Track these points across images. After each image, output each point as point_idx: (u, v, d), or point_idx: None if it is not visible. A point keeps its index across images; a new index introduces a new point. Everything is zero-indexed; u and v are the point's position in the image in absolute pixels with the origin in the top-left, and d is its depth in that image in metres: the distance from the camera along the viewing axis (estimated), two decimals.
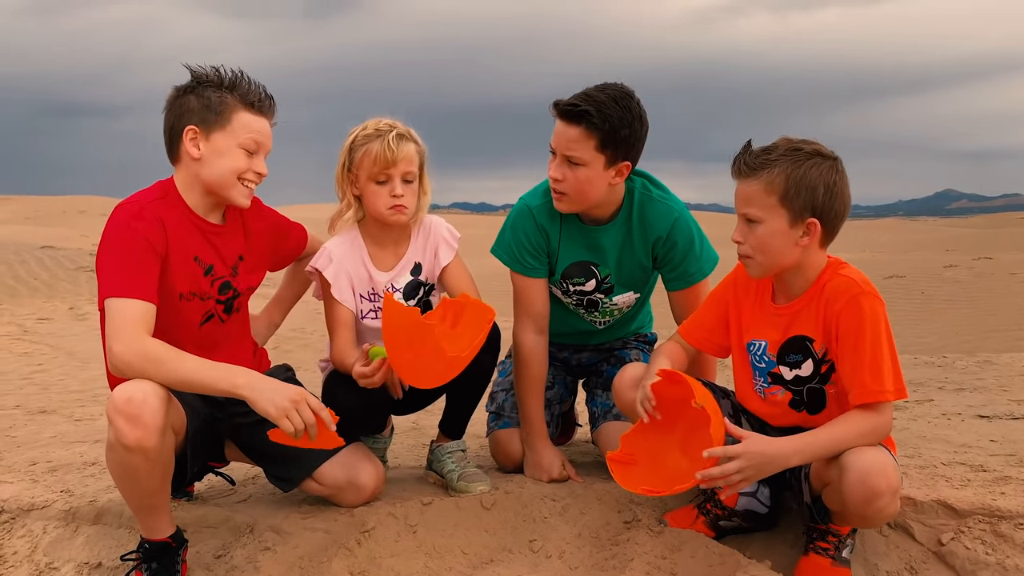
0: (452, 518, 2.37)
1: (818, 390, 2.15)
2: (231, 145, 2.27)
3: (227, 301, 2.40)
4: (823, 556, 2.13)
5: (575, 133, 2.43)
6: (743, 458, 1.95)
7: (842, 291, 2.06)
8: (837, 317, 2.06)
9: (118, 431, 2.00)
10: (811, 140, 2.07)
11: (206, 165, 2.27)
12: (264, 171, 2.34)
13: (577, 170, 2.47)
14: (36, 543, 2.60)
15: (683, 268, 2.64)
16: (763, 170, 2.03)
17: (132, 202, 2.25)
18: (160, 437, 2.04)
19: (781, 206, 2.03)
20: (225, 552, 2.37)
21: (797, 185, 2.01)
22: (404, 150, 2.44)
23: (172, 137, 2.30)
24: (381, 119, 2.49)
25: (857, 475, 1.95)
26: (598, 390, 2.91)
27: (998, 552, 2.09)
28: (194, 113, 2.25)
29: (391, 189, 2.45)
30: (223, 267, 2.37)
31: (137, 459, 2.03)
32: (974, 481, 2.38)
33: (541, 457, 2.67)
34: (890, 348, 2.03)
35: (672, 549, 2.20)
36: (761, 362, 2.21)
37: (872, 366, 2.01)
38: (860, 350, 2.02)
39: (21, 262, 12.87)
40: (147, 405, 2.00)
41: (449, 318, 2.27)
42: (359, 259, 2.55)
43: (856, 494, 1.96)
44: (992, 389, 4.00)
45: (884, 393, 2.01)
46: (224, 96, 2.26)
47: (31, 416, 4.50)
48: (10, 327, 8.88)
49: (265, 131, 2.32)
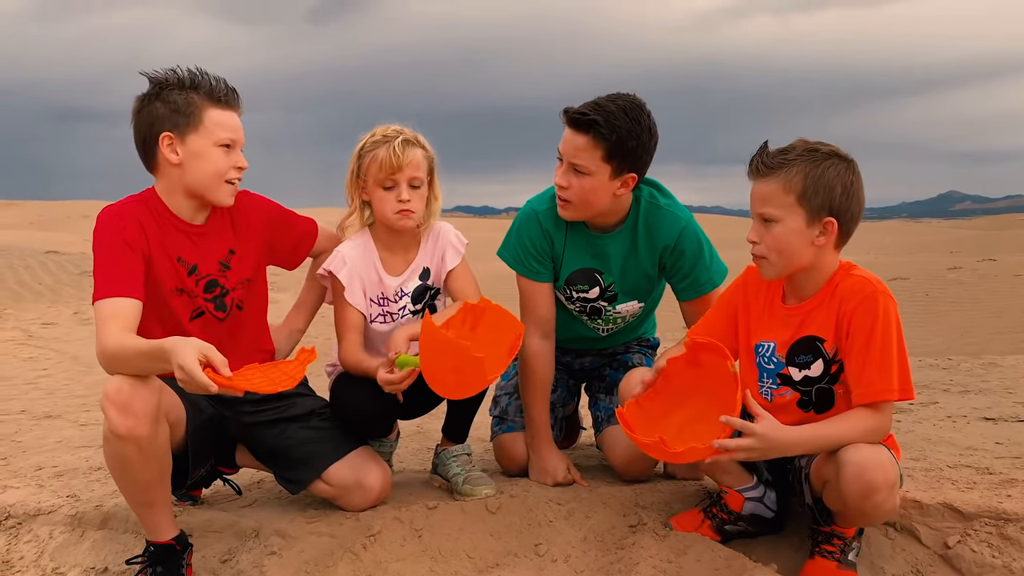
0: (457, 522, 2.37)
1: (827, 390, 2.15)
2: (207, 145, 2.28)
3: (216, 299, 2.40)
4: (829, 559, 2.13)
5: (582, 142, 2.43)
6: (757, 438, 1.96)
7: (856, 290, 2.07)
8: (851, 315, 2.06)
9: (110, 420, 2.03)
10: (827, 142, 2.09)
11: (188, 170, 2.28)
12: (244, 164, 2.35)
13: (583, 179, 2.47)
14: (42, 548, 2.60)
15: (694, 277, 2.63)
16: (781, 169, 2.05)
17: (111, 206, 2.30)
18: (152, 425, 2.06)
19: (799, 205, 2.04)
20: (231, 557, 2.38)
21: (815, 184, 2.02)
22: (410, 156, 2.45)
23: (146, 146, 2.31)
24: (390, 126, 2.51)
25: (854, 470, 1.96)
26: (601, 394, 2.91)
27: (1005, 555, 2.09)
28: (165, 119, 2.26)
29: (397, 194, 2.46)
30: (208, 265, 2.38)
31: (130, 448, 2.05)
32: (980, 484, 2.37)
33: (546, 461, 2.67)
34: (900, 348, 2.03)
35: (678, 553, 2.19)
36: (769, 363, 2.21)
37: (880, 364, 2.02)
38: (870, 347, 2.03)
39: (25, 267, 12.91)
40: (137, 394, 2.03)
41: (469, 321, 2.32)
42: (371, 263, 2.56)
43: (853, 489, 1.97)
44: (997, 391, 3.99)
45: (889, 392, 2.02)
46: (189, 96, 2.27)
47: (36, 421, 4.51)
48: (15, 332, 8.90)
49: (236, 124, 2.34)
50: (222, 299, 2.41)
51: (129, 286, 2.18)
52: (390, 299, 2.57)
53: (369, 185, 2.49)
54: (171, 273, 2.32)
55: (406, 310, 2.58)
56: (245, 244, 2.46)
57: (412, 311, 2.59)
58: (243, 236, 2.46)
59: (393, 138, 2.45)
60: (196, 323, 2.37)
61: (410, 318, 2.58)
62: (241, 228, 2.46)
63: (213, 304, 2.40)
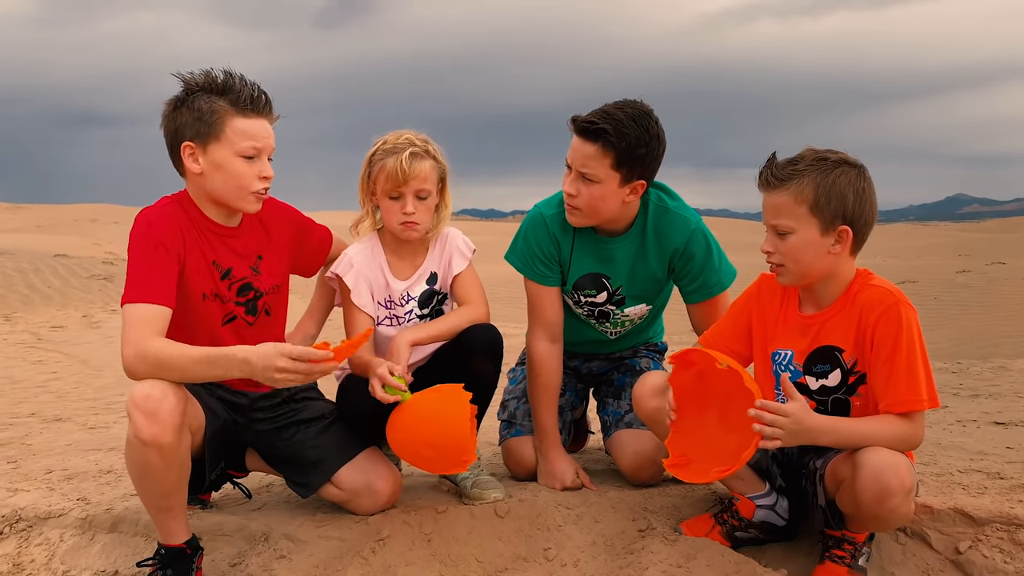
0: (466, 526, 2.37)
1: (843, 400, 2.14)
2: (228, 155, 2.24)
3: (248, 303, 2.39)
4: (839, 564, 2.12)
5: (591, 150, 2.43)
6: (791, 419, 1.95)
7: (878, 301, 2.06)
8: (874, 327, 2.05)
9: (136, 426, 2.03)
10: (836, 149, 2.08)
11: (208, 179, 2.26)
12: (270, 174, 2.30)
13: (592, 187, 2.47)
14: (53, 551, 2.61)
15: (703, 279, 2.63)
16: (791, 180, 2.04)
17: (149, 209, 2.27)
18: (176, 434, 2.06)
19: (812, 215, 2.04)
20: (240, 560, 2.38)
21: (827, 193, 2.02)
22: (417, 169, 2.43)
23: (172, 152, 2.30)
24: (403, 133, 2.50)
25: (871, 472, 1.95)
26: (609, 399, 2.90)
27: (1016, 560, 2.08)
28: (188, 127, 2.23)
29: (402, 206, 2.46)
30: (242, 269, 2.37)
31: (153, 455, 2.06)
32: (991, 489, 2.36)
33: (554, 465, 2.66)
34: (923, 357, 2.03)
35: (687, 557, 2.19)
36: (786, 371, 2.20)
37: (908, 375, 2.01)
38: (896, 359, 2.02)
39: (35, 270, 12.96)
40: (165, 402, 2.04)
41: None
42: (378, 266, 2.57)
43: (869, 492, 1.96)
44: (1007, 395, 3.98)
45: (920, 402, 2.01)
46: (215, 103, 2.22)
47: (46, 424, 4.53)
48: (24, 335, 8.95)
49: (263, 133, 2.27)
50: (254, 303, 2.40)
51: (163, 293, 2.17)
52: (396, 303, 2.57)
53: (378, 192, 2.50)
54: (206, 277, 2.30)
55: (412, 314, 2.58)
56: (274, 249, 2.46)
57: (419, 315, 2.59)
58: (274, 241, 2.46)
59: (402, 150, 2.43)
60: (228, 328, 2.36)
61: (417, 323, 2.58)
62: (272, 233, 2.46)
63: (244, 308, 2.39)
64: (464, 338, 2.48)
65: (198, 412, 2.21)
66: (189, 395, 2.13)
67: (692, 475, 2.12)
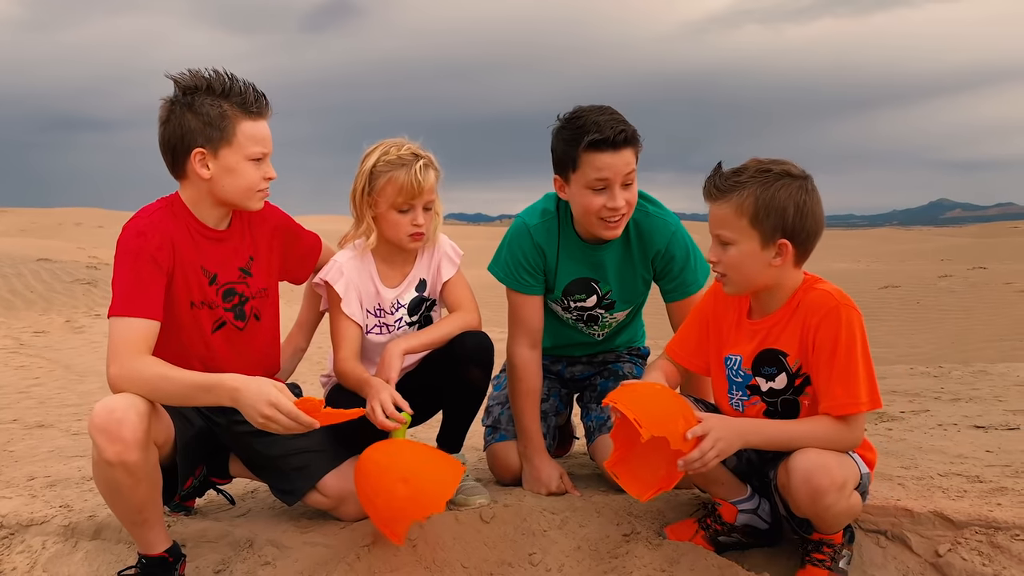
0: (451, 532, 2.38)
1: (792, 401, 2.17)
2: (239, 160, 2.23)
3: (235, 308, 2.38)
4: (820, 567, 2.14)
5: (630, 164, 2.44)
6: (712, 433, 1.98)
7: (820, 304, 2.07)
8: (815, 329, 2.07)
9: (99, 447, 2.00)
10: (781, 160, 2.08)
11: (217, 184, 2.25)
12: (273, 174, 2.31)
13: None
14: (35, 559, 2.59)
15: (681, 279, 2.68)
16: (733, 192, 2.05)
17: (138, 218, 2.24)
18: (141, 452, 2.03)
19: (752, 228, 2.04)
20: (225, 567, 2.37)
21: (767, 207, 2.02)
22: (430, 180, 2.44)
23: (175, 156, 2.25)
24: (402, 143, 2.47)
25: (801, 475, 1.99)
26: (592, 404, 2.92)
27: (995, 563, 2.10)
28: (197, 133, 2.20)
29: (413, 218, 2.46)
30: (229, 273, 2.35)
31: (119, 474, 2.03)
32: (971, 492, 2.39)
33: (539, 470, 2.67)
34: (865, 358, 2.04)
35: (671, 562, 2.20)
36: (738, 376, 2.22)
37: (847, 378, 2.02)
38: (834, 362, 2.03)
39: (17, 275, 12.86)
40: (126, 420, 2.00)
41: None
42: (368, 275, 2.56)
43: (801, 493, 1.99)
44: (988, 399, 4.02)
45: (857, 405, 2.03)
46: (220, 106, 2.20)
47: (28, 430, 4.50)
48: (6, 340, 8.87)
49: (266, 135, 2.28)
50: (241, 308, 2.38)
51: (151, 306, 2.14)
52: (386, 311, 2.57)
53: (382, 205, 2.46)
54: (194, 284, 2.28)
55: (402, 322, 2.59)
56: (263, 250, 2.44)
57: (408, 323, 2.59)
58: (260, 242, 2.44)
59: (412, 162, 2.42)
60: (218, 335, 2.35)
61: (406, 330, 2.58)
62: (258, 233, 2.44)
63: (233, 313, 2.37)
64: (455, 345, 2.48)
65: (165, 424, 2.19)
66: (154, 407, 2.09)
67: (629, 485, 2.11)
